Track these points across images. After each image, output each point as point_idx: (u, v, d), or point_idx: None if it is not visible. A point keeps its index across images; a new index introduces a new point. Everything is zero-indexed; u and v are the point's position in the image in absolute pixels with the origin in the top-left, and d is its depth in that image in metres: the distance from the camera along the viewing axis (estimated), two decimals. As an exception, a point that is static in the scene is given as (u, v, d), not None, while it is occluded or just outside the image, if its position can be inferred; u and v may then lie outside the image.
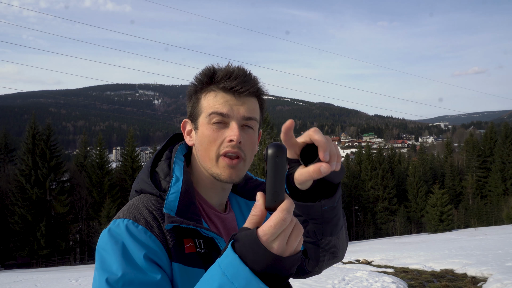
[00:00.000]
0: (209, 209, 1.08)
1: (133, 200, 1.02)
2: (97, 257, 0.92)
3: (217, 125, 1.01)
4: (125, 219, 0.94)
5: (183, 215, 0.96)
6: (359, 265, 13.02)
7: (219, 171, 1.01)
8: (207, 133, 1.01)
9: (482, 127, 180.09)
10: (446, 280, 9.21)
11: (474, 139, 63.73)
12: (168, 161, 1.08)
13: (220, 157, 1.01)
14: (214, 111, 1.00)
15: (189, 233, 0.98)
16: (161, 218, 0.96)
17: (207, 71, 1.05)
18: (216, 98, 1.02)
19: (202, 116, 1.03)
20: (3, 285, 14.41)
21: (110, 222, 0.97)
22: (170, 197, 0.98)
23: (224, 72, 1.02)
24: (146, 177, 1.05)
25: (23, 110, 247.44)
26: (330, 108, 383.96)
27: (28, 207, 35.44)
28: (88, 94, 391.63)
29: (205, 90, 1.04)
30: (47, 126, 39.57)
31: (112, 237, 0.91)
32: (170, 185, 1.00)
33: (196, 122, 1.05)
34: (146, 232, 0.92)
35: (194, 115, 1.06)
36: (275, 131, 37.65)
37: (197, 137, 1.04)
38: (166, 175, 1.04)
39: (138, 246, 0.90)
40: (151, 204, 0.98)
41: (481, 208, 50.50)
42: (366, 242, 32.04)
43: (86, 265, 33.12)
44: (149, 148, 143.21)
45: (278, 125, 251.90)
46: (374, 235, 51.13)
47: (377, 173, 54.34)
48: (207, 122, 1.02)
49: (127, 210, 0.97)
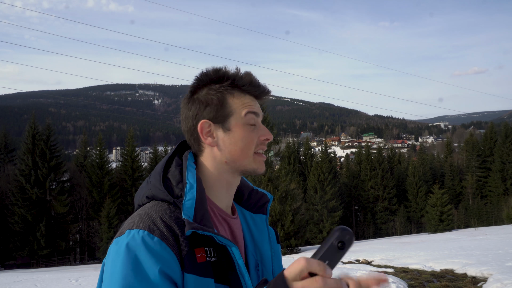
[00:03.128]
0: (219, 213, 1.08)
1: (145, 209, 0.98)
2: (106, 266, 0.90)
3: (252, 127, 1.07)
4: (140, 230, 0.91)
5: (199, 222, 0.95)
6: (359, 265, 13.02)
7: (255, 165, 1.08)
8: (245, 135, 1.06)
9: (482, 127, 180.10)
10: (446, 280, 9.21)
11: (474, 139, 63.72)
12: (179, 168, 1.05)
13: (255, 154, 1.08)
14: (250, 111, 1.07)
15: (202, 241, 0.96)
16: (175, 225, 0.94)
17: (224, 73, 1.08)
18: (246, 100, 1.08)
19: (235, 117, 1.06)
20: (3, 285, 14.40)
21: (123, 232, 0.93)
22: (186, 203, 0.96)
23: (247, 79, 1.08)
24: (158, 184, 1.02)
25: (23, 110, 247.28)
26: (330, 108, 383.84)
27: (28, 207, 35.45)
28: (88, 94, 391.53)
29: (231, 92, 1.07)
30: (47, 126, 39.58)
31: (127, 250, 0.88)
32: (185, 192, 0.98)
33: (225, 123, 1.06)
34: (161, 243, 0.90)
35: (221, 116, 1.06)
36: (275, 131, 37.63)
37: (229, 138, 1.06)
38: (178, 182, 1.02)
39: (153, 260, 0.87)
40: (164, 213, 0.96)
41: (481, 208, 50.50)
42: (366, 242, 32.03)
43: (86, 265, 33.11)
44: (149, 148, 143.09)
45: (278, 125, 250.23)
46: (374, 235, 51.13)
47: (377, 173, 54.34)
48: (242, 123, 1.06)
49: (141, 220, 0.94)
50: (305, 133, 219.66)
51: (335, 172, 55.01)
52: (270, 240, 1.17)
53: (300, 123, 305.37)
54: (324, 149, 59.12)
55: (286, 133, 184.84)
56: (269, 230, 1.20)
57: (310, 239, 43.21)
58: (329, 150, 70.35)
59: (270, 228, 1.21)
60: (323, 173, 46.81)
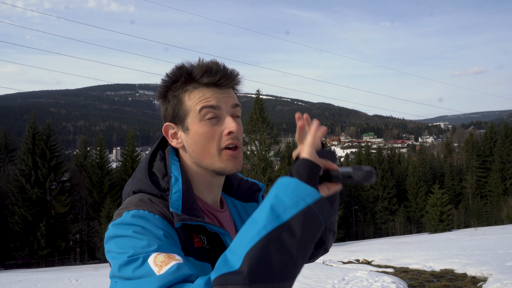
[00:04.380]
0: (205, 207, 1.08)
1: (135, 196, 0.98)
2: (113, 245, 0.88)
3: (211, 121, 1.00)
4: (139, 210, 0.91)
5: (187, 214, 0.96)
6: (359, 265, 13.03)
7: (223, 164, 1.01)
8: (203, 131, 1.00)
9: (482, 127, 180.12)
10: (446, 280, 9.22)
11: (474, 139, 63.74)
12: (163, 162, 1.05)
13: (222, 150, 1.01)
14: (204, 106, 0.99)
15: (195, 230, 0.98)
16: (165, 218, 0.94)
17: (182, 69, 1.03)
18: (201, 93, 1.00)
19: (191, 115, 1.01)
20: (3, 285, 14.41)
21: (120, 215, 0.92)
22: (173, 196, 0.95)
23: (202, 69, 1.00)
24: (144, 178, 1.01)
25: (23, 110, 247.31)
26: (330, 108, 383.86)
27: (28, 207, 35.44)
28: (88, 94, 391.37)
29: (185, 90, 1.02)
30: (47, 126, 39.58)
31: (131, 223, 0.88)
32: (170, 185, 0.98)
33: (184, 123, 1.02)
34: (163, 220, 0.91)
35: (179, 116, 1.03)
36: (275, 131, 37.63)
37: (189, 137, 1.02)
38: (163, 175, 1.02)
39: (157, 228, 0.89)
40: (155, 200, 0.97)
41: (481, 208, 50.52)
42: (366, 242, 32.05)
43: (86, 265, 33.12)
44: (149, 148, 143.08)
45: (278, 125, 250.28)
46: (374, 235, 51.13)
47: (376, 173, 54.33)
48: (199, 119, 1.00)
49: (136, 204, 0.94)
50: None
51: (335, 172, 54.93)
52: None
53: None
54: (324, 149, 59.05)
55: (286, 133, 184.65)
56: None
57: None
58: (329, 150, 70.25)
59: None
60: (323, 173, 46.76)
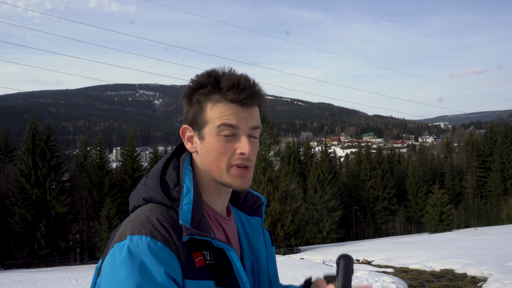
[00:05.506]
0: (213, 215, 1.07)
1: (143, 212, 0.97)
2: (107, 272, 0.88)
3: (227, 138, 0.99)
4: (142, 235, 0.90)
5: (196, 227, 0.95)
6: (359, 265, 13.03)
7: (230, 180, 1.01)
8: (216, 145, 1.00)
9: (482, 127, 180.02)
10: (446, 280, 9.22)
11: (474, 139, 63.74)
12: (176, 171, 1.04)
13: (231, 167, 1.00)
14: (223, 123, 0.98)
15: (200, 244, 0.96)
16: (173, 231, 0.94)
17: (210, 77, 1.01)
18: (224, 109, 0.99)
19: (209, 126, 1.00)
20: (3, 285, 14.41)
21: (124, 237, 0.91)
22: (183, 208, 0.95)
23: (230, 82, 0.99)
24: (156, 186, 1.01)
25: (23, 110, 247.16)
26: (330, 108, 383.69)
27: (28, 207, 35.44)
28: (88, 94, 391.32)
29: (210, 99, 1.01)
30: (47, 126, 39.56)
31: (131, 256, 0.87)
32: (182, 196, 0.97)
33: (201, 132, 1.02)
34: (165, 248, 0.90)
35: (198, 124, 1.03)
36: (275, 131, 37.61)
37: (203, 147, 1.02)
38: (175, 184, 1.01)
39: (158, 263, 0.87)
40: (163, 217, 0.95)
41: (481, 208, 50.53)
42: (366, 242, 32.04)
43: (86, 265, 33.13)
44: (149, 148, 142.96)
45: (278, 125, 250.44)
46: (374, 235, 51.13)
47: (376, 173, 54.35)
48: (215, 133, 0.99)
49: (141, 224, 0.93)
50: (305, 133, 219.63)
51: (335, 172, 55.02)
52: (265, 243, 1.18)
53: (300, 123, 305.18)
54: (324, 149, 59.15)
55: (286, 133, 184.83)
56: (264, 232, 1.20)
57: (310, 239, 43.24)
58: (329, 150, 70.41)
59: (265, 230, 1.21)
60: (323, 173, 46.80)
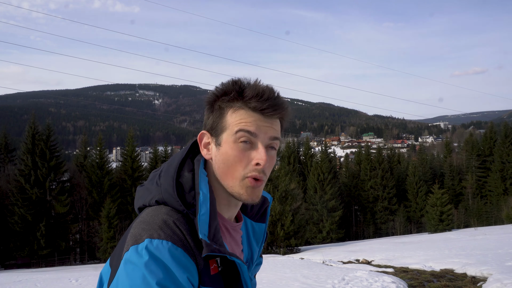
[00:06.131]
0: (223, 222, 1.07)
1: (159, 214, 0.94)
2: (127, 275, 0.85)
3: (244, 145, 0.97)
4: (163, 240, 0.88)
5: (212, 239, 0.93)
6: (359, 265, 13.04)
7: (241, 190, 0.98)
8: (233, 153, 0.97)
9: (482, 127, 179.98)
10: (446, 280, 9.22)
11: (474, 139, 63.71)
12: (191, 174, 1.00)
13: (246, 178, 0.98)
14: (241, 129, 0.96)
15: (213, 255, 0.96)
16: (189, 237, 0.92)
17: (235, 85, 1.00)
18: (244, 116, 0.97)
19: (227, 133, 0.98)
20: (3, 285, 14.41)
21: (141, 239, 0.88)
22: (201, 218, 0.92)
23: (255, 91, 0.97)
24: (172, 190, 0.97)
25: (23, 110, 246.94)
26: (330, 108, 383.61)
27: (28, 207, 35.43)
28: (88, 94, 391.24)
29: (231, 106, 0.99)
30: (47, 126, 39.55)
31: (155, 259, 0.85)
32: (198, 204, 0.94)
33: (218, 138, 1.00)
34: (185, 254, 0.89)
35: (216, 130, 1.00)
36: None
37: (219, 154, 0.99)
38: (190, 189, 0.98)
39: (182, 269, 0.87)
40: (179, 222, 0.94)
41: (481, 208, 50.52)
42: (366, 242, 32.05)
43: (86, 265, 33.13)
44: (149, 148, 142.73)
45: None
46: (374, 235, 51.15)
47: (376, 173, 54.35)
48: (233, 140, 0.97)
49: (159, 228, 0.90)
50: (305, 133, 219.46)
51: (335, 172, 55.03)
52: (262, 244, 1.24)
53: (300, 123, 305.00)
54: (324, 149, 59.19)
55: (286, 133, 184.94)
56: (264, 238, 1.24)
57: (310, 239, 43.24)
58: (329, 150, 70.37)
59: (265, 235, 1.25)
60: (323, 173, 46.81)
